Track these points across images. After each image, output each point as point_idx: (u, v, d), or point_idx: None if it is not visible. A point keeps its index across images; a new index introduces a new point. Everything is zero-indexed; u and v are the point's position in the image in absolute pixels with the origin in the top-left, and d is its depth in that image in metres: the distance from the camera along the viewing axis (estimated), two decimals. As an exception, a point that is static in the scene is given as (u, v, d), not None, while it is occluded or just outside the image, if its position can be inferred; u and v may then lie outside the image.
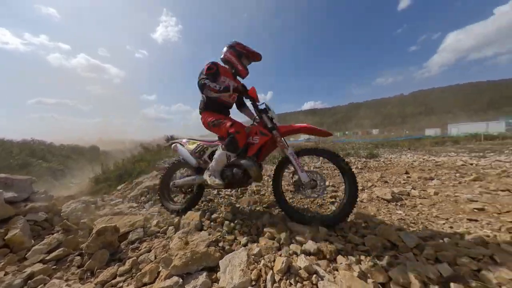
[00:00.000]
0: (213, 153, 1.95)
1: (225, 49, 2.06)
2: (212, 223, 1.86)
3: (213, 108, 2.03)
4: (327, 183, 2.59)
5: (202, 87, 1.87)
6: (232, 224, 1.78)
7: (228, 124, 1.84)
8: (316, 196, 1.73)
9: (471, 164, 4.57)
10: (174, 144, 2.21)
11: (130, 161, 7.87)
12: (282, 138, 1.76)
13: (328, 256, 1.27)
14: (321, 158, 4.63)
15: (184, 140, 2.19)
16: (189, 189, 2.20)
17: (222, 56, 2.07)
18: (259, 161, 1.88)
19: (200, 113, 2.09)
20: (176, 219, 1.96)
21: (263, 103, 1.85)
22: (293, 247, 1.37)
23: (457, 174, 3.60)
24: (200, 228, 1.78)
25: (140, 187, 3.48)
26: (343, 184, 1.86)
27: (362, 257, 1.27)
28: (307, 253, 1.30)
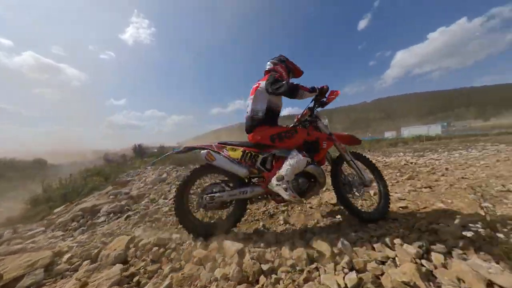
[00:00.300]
0: (264, 160, 1.74)
1: (274, 61, 2.01)
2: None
3: (274, 120, 1.85)
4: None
5: (294, 90, 1.66)
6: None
7: (304, 132, 1.79)
8: (359, 195, 1.92)
9: (411, 163, 5.20)
10: (205, 152, 1.72)
11: (82, 176, 6.88)
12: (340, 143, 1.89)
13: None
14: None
15: (214, 146, 1.80)
16: (225, 204, 1.80)
17: (270, 67, 1.99)
18: (320, 166, 1.84)
19: (255, 127, 1.79)
20: (95, 250, 1.67)
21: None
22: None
23: (398, 174, 4.03)
24: (123, 259, 1.54)
25: (74, 210, 2.98)
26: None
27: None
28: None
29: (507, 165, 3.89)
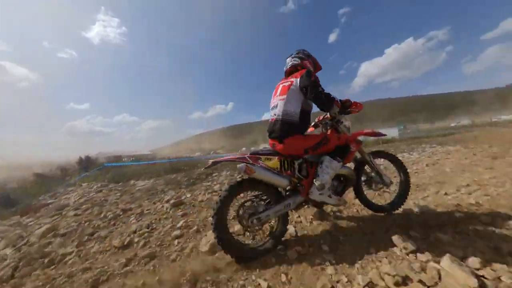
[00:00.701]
0: (300, 167, 1.66)
1: (300, 55, 1.82)
2: None
3: (307, 123, 1.69)
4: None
5: (330, 104, 1.60)
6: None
7: (335, 137, 1.74)
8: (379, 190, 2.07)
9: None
10: (243, 165, 1.49)
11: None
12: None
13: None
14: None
15: (247, 157, 1.56)
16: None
17: (297, 62, 1.77)
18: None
19: (287, 136, 1.59)
20: None
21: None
22: None
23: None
24: None
25: None
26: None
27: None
28: None
29: (433, 169, 3.94)
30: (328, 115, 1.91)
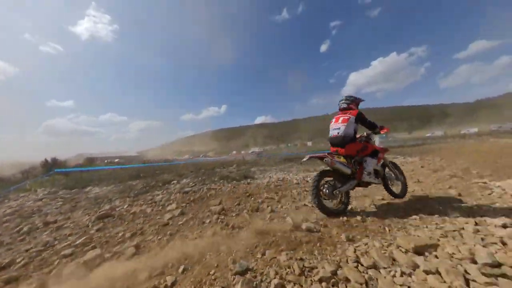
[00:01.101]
0: (354, 163, 2.64)
1: (348, 101, 2.84)
2: None
3: (355, 138, 2.69)
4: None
5: (375, 128, 2.79)
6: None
7: (371, 146, 2.83)
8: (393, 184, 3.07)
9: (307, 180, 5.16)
10: (329, 159, 2.40)
11: None
12: None
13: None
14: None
15: (327, 154, 2.51)
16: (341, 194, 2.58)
17: (346, 106, 2.83)
18: None
19: (346, 144, 2.58)
20: None
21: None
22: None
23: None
24: None
25: None
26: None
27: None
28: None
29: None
30: (364, 133, 2.99)
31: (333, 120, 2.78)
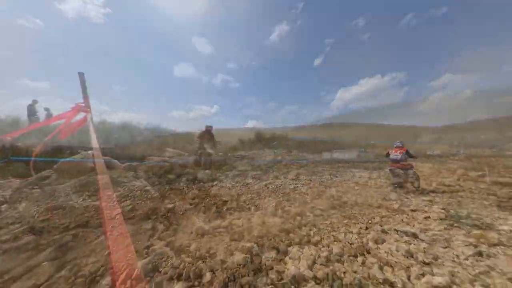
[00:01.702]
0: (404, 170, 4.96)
1: (401, 144, 5.19)
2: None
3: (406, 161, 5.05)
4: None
5: (413, 156, 5.13)
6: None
7: (410, 162, 5.12)
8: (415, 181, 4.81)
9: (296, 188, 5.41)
10: (398, 170, 4.90)
11: None
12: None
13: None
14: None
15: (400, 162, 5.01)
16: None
17: (401, 145, 5.17)
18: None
19: (403, 161, 4.93)
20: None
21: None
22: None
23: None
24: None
25: None
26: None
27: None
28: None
29: (324, 199, 3.90)
30: (402, 152, 4.96)
31: (393, 150, 5.10)
